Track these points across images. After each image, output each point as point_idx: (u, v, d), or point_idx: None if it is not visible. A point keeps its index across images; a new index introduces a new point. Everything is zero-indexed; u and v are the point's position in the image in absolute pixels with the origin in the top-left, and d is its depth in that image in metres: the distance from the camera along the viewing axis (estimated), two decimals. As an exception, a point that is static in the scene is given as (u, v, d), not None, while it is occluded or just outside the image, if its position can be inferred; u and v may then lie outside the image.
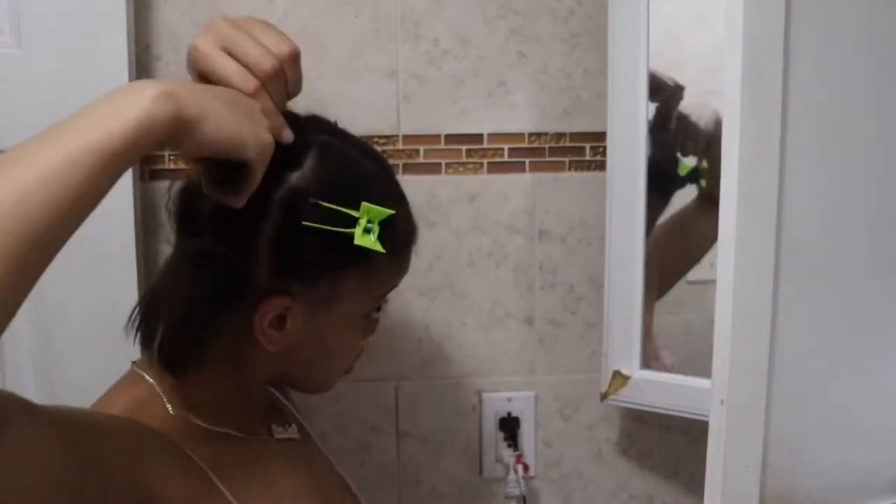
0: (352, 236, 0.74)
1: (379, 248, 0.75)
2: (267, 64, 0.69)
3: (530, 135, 1.15)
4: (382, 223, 0.76)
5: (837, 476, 0.77)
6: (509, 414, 1.19)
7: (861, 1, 0.74)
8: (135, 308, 0.81)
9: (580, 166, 1.16)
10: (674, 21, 1.07)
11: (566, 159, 1.16)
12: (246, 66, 0.69)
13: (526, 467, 1.18)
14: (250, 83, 0.69)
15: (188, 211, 0.76)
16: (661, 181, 1.07)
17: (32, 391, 1.05)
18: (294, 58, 0.72)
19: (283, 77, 0.71)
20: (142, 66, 1.09)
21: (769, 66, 0.68)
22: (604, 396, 1.11)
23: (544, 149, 1.16)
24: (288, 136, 0.73)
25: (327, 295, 0.77)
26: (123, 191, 1.04)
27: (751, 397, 0.71)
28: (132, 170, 1.04)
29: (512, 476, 1.17)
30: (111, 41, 1.02)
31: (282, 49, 0.71)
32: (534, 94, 1.14)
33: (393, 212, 0.76)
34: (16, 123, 1.01)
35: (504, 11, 1.13)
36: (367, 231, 0.75)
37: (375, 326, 0.87)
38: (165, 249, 1.12)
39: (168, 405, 0.77)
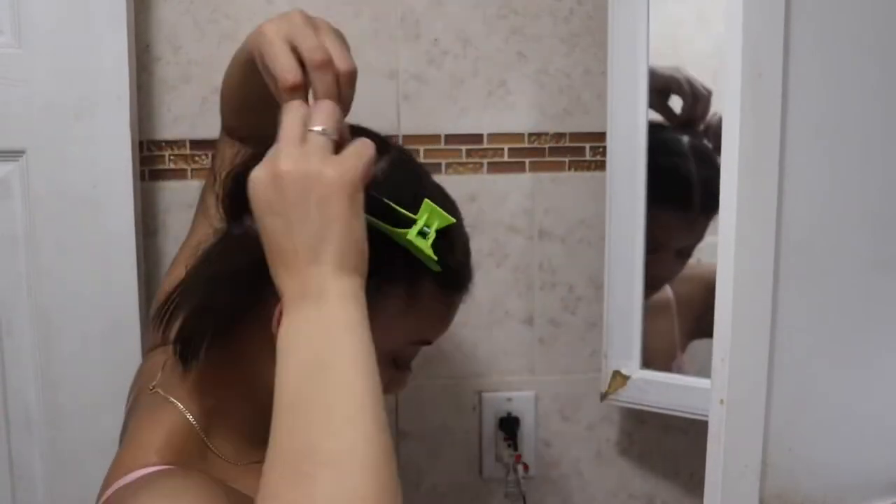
0: (398, 237, 0.69)
1: (430, 253, 0.69)
2: (317, 56, 0.68)
3: (530, 135, 1.15)
4: (440, 234, 0.71)
5: (837, 476, 0.77)
6: (509, 414, 1.19)
7: (861, 1, 0.74)
8: (160, 300, 0.77)
9: (580, 166, 1.16)
10: (674, 21, 1.07)
11: (566, 159, 1.16)
12: (300, 56, 0.69)
13: (526, 467, 1.18)
14: (291, 76, 0.68)
15: (237, 194, 0.71)
16: (704, 200, 1.07)
17: (32, 391, 1.05)
18: (351, 75, 0.72)
19: (336, 88, 0.70)
20: (142, 65, 1.09)
21: (769, 66, 0.68)
22: (604, 396, 1.11)
23: (544, 149, 1.16)
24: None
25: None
26: (123, 191, 1.04)
27: (750, 397, 0.71)
28: (132, 170, 1.04)
29: (512, 476, 1.17)
30: (111, 41, 1.02)
31: (343, 62, 0.71)
32: (534, 94, 1.14)
33: (455, 220, 0.72)
34: (16, 123, 1.02)
35: (504, 11, 1.13)
36: (422, 234, 0.70)
37: (403, 380, 0.79)
38: (165, 249, 1.13)
39: (203, 436, 0.74)
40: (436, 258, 0.70)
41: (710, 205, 1.04)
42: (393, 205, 0.70)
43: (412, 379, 0.81)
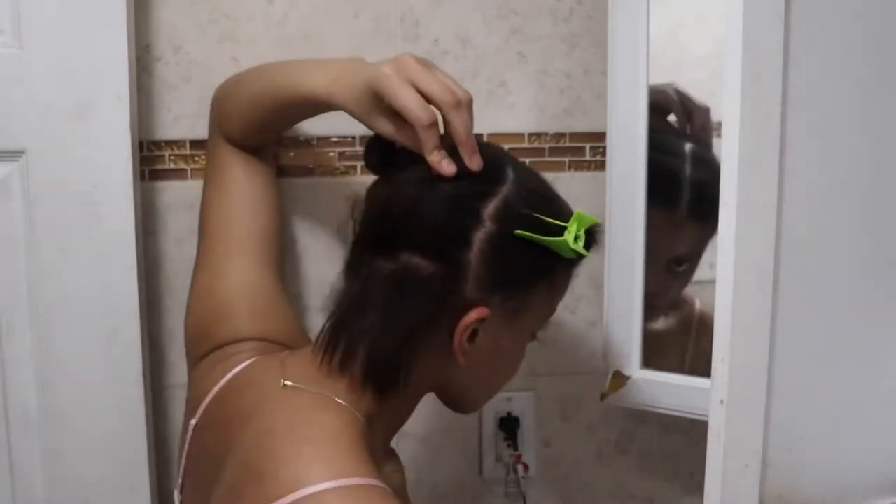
0: (557, 245, 0.78)
1: (588, 254, 0.80)
2: (448, 97, 0.76)
3: (530, 135, 1.15)
4: (588, 233, 0.80)
5: (837, 476, 0.77)
6: (509, 414, 1.19)
7: (861, 1, 0.74)
8: (325, 333, 0.80)
9: (580, 166, 1.16)
10: (674, 21, 1.07)
11: (566, 159, 1.16)
12: (429, 97, 0.76)
13: (526, 467, 1.18)
14: (427, 113, 0.75)
15: (384, 230, 0.78)
16: (696, 205, 1.07)
17: (32, 391, 1.05)
18: (471, 105, 0.79)
19: (467, 113, 0.78)
20: (142, 66, 1.09)
21: (769, 66, 0.68)
22: (604, 396, 1.11)
23: (544, 149, 1.16)
24: (478, 162, 0.78)
25: (518, 307, 0.80)
26: (123, 191, 1.04)
27: (750, 397, 0.71)
28: (132, 170, 1.04)
29: (512, 476, 1.17)
30: (111, 41, 1.02)
31: (464, 95, 0.78)
32: (534, 94, 1.14)
33: (599, 220, 0.81)
34: (16, 123, 1.02)
35: (504, 11, 1.13)
36: (576, 239, 0.79)
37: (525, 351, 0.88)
38: (165, 249, 1.13)
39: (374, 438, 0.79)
40: (589, 255, 0.81)
41: (703, 211, 1.04)
42: (544, 217, 0.78)
43: None
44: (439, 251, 0.76)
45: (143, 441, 1.07)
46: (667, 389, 1.07)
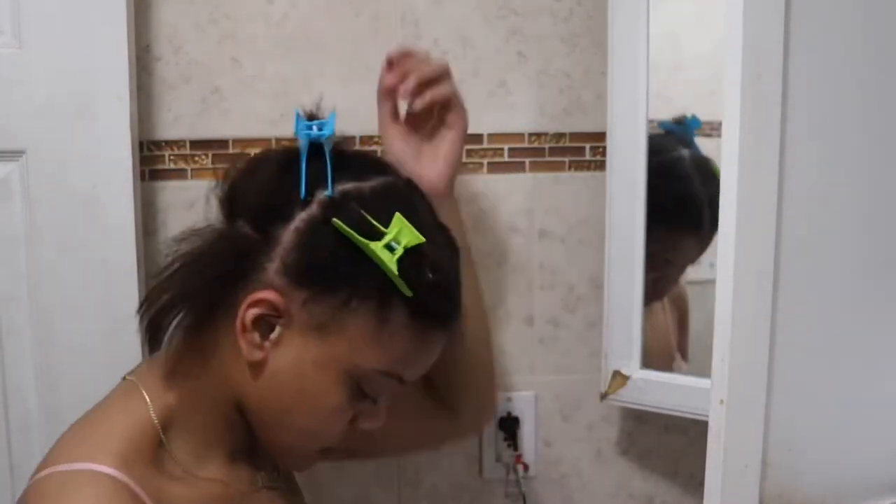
0: (369, 250, 0.70)
1: (393, 267, 0.69)
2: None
3: (530, 135, 1.15)
4: (413, 254, 0.71)
5: (837, 476, 0.77)
6: (509, 414, 1.19)
7: (861, 1, 0.74)
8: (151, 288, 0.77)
9: (580, 166, 1.16)
10: (674, 21, 1.07)
11: (566, 159, 1.16)
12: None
13: (526, 467, 1.18)
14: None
15: (232, 194, 0.77)
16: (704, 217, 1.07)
17: (32, 391, 1.05)
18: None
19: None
20: (142, 66, 1.09)
21: (769, 66, 0.68)
22: (604, 396, 1.11)
23: (544, 149, 1.16)
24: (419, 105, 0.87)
25: (326, 321, 0.72)
26: (123, 191, 1.04)
27: (750, 397, 0.71)
28: (132, 170, 1.04)
29: (512, 476, 1.17)
30: (111, 41, 1.02)
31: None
32: (534, 94, 1.14)
33: (424, 240, 0.71)
34: (16, 123, 1.02)
35: (504, 11, 1.13)
36: (389, 248, 0.70)
37: (376, 414, 0.78)
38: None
39: (162, 436, 0.74)
40: (396, 272, 0.70)
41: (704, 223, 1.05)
42: (367, 216, 0.71)
43: (385, 417, 0.79)
44: (263, 221, 0.73)
45: (143, 441, 1.07)
46: (667, 389, 1.07)
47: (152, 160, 1.11)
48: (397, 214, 0.71)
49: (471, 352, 0.92)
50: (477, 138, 1.14)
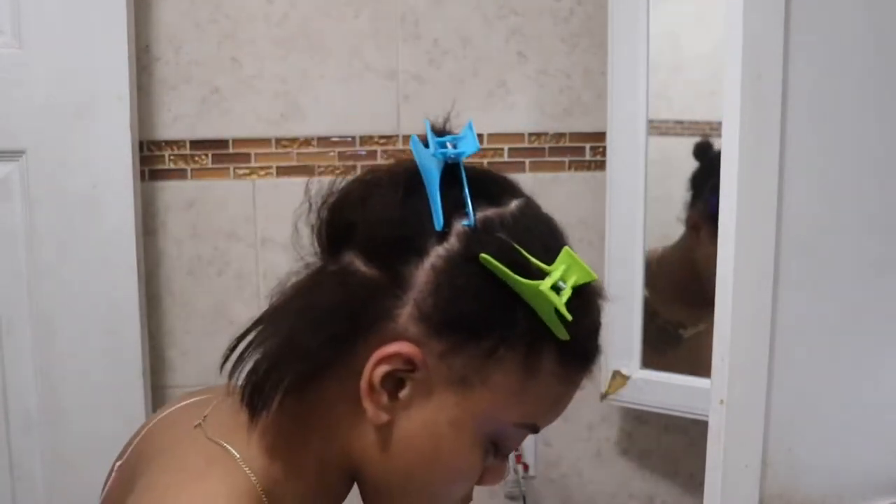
0: (528, 291, 0.58)
1: (565, 312, 0.58)
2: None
3: (530, 135, 1.15)
4: (577, 292, 0.60)
5: (837, 475, 0.77)
6: (509, 414, 1.19)
7: (861, 1, 0.74)
8: (237, 339, 0.64)
9: (580, 166, 1.16)
10: (674, 21, 1.07)
11: (566, 159, 1.16)
12: None
13: (526, 467, 1.18)
14: None
15: (340, 224, 0.61)
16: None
17: (32, 391, 1.05)
18: None
19: None
20: (142, 66, 1.09)
21: (769, 66, 0.68)
22: (604, 396, 1.11)
23: (544, 149, 1.16)
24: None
25: (468, 375, 0.59)
26: (123, 191, 1.04)
27: (750, 397, 0.71)
28: (132, 170, 1.04)
29: (512, 476, 1.17)
30: (111, 41, 1.02)
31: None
32: (534, 94, 1.14)
33: (595, 277, 0.61)
34: (16, 123, 1.02)
35: (504, 11, 1.13)
36: (556, 289, 0.59)
37: (501, 471, 0.66)
38: (165, 249, 1.12)
39: (264, 497, 0.60)
40: (570, 318, 0.58)
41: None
42: (523, 251, 0.59)
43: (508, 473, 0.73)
44: (384, 254, 0.59)
45: (143, 441, 1.07)
46: (667, 389, 1.07)
47: (152, 160, 1.11)
48: (566, 249, 0.61)
49: None
50: (477, 138, 1.14)
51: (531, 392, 0.62)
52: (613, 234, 1.08)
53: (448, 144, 0.63)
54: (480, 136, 1.14)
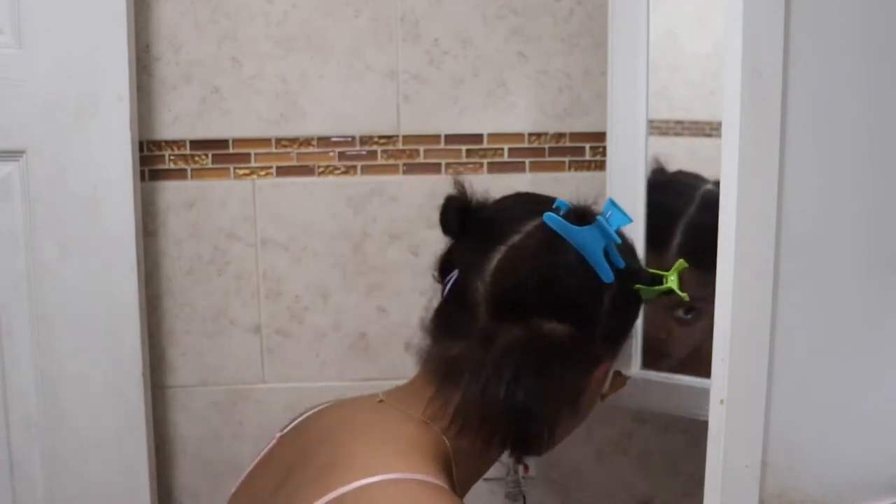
0: (666, 293, 0.83)
1: (684, 295, 0.83)
2: None
3: (530, 135, 1.15)
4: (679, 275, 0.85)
5: (837, 475, 0.77)
6: (509, 414, 1.19)
7: (861, 1, 0.74)
8: (453, 405, 0.80)
9: (580, 166, 1.16)
10: (674, 21, 1.07)
11: (566, 159, 1.16)
12: None
13: (526, 467, 1.18)
14: None
15: (509, 294, 0.79)
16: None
17: (32, 391, 1.05)
18: None
19: None
20: (142, 65, 1.09)
21: (769, 66, 0.68)
22: (604, 397, 1.11)
23: (544, 149, 1.16)
24: None
25: (618, 353, 0.86)
26: (123, 191, 1.04)
27: (750, 397, 0.71)
28: (132, 170, 1.04)
29: (512, 476, 1.17)
30: (111, 41, 1.02)
31: None
32: (534, 94, 1.14)
33: (687, 265, 0.85)
34: (16, 123, 1.02)
35: (504, 11, 1.13)
36: (681, 287, 0.84)
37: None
38: (166, 249, 1.12)
39: (453, 465, 0.79)
40: (686, 297, 0.84)
41: (702, 255, 1.03)
42: (651, 270, 0.85)
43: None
44: (575, 313, 0.79)
45: (143, 441, 1.07)
46: (667, 389, 1.07)
47: (152, 160, 1.11)
48: (680, 261, 0.84)
49: None
50: (477, 138, 1.14)
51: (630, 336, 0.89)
52: (613, 234, 1.08)
53: (604, 222, 0.81)
54: (480, 135, 1.15)
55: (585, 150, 1.16)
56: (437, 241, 1.16)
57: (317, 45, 1.11)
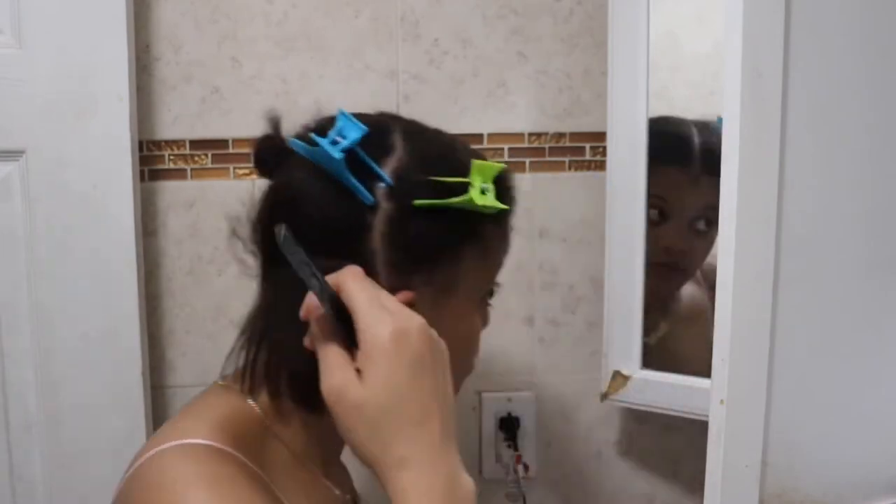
0: (466, 207, 0.69)
1: (501, 205, 0.71)
2: None
3: (530, 135, 1.15)
4: (496, 181, 0.72)
5: (837, 475, 0.77)
6: (509, 414, 1.19)
7: (861, 1, 0.74)
8: (241, 351, 0.75)
9: (580, 166, 1.16)
10: (674, 21, 1.07)
11: (566, 159, 1.16)
12: None
13: (526, 467, 1.18)
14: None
15: (270, 235, 0.68)
16: (705, 161, 1.07)
17: (32, 391, 1.05)
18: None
19: None
20: (142, 66, 1.09)
21: (769, 66, 0.68)
22: (604, 396, 1.11)
23: (544, 149, 1.16)
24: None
25: (448, 280, 0.72)
26: (123, 191, 1.04)
27: (750, 397, 0.71)
28: (132, 170, 1.04)
29: (512, 476, 1.17)
30: (111, 41, 1.02)
31: None
32: (534, 94, 1.14)
33: (503, 166, 0.73)
34: (16, 123, 1.02)
35: (504, 11, 1.13)
36: (483, 192, 0.70)
37: (488, 316, 0.82)
38: (166, 249, 1.12)
39: (267, 422, 0.73)
40: (506, 207, 0.73)
41: (715, 168, 1.04)
42: (442, 178, 0.69)
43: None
44: (340, 249, 0.68)
45: (143, 441, 1.07)
46: (667, 389, 1.07)
47: (152, 160, 1.11)
48: (475, 162, 0.70)
49: None
50: (477, 138, 1.14)
51: (491, 256, 0.76)
52: (613, 234, 1.08)
53: (338, 139, 0.69)
54: (480, 135, 1.15)
55: (585, 150, 1.16)
56: (437, 241, 1.16)
57: (317, 45, 1.11)
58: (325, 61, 1.12)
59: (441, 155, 0.73)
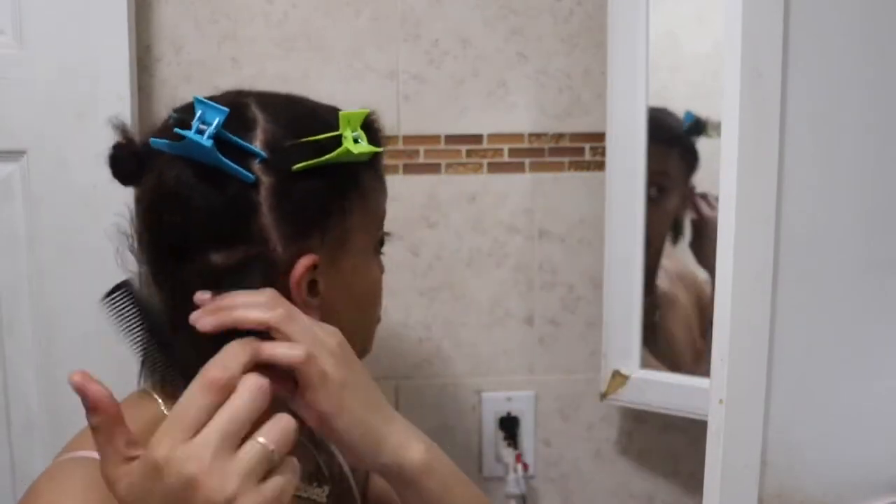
0: (343, 159, 0.70)
1: (375, 148, 0.73)
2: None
3: (530, 135, 1.15)
4: (364, 126, 0.74)
5: (837, 475, 0.77)
6: (509, 413, 1.19)
7: (861, 1, 0.74)
8: (147, 360, 0.76)
9: (580, 166, 1.16)
10: (674, 21, 1.07)
11: (566, 159, 1.16)
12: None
13: (526, 467, 1.18)
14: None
15: (171, 240, 0.72)
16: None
17: (33, 391, 1.05)
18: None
19: None
20: (142, 66, 1.09)
21: (769, 66, 0.68)
22: (603, 396, 1.11)
23: (544, 149, 1.16)
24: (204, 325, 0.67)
25: (341, 236, 0.72)
26: (124, 191, 1.04)
27: (750, 397, 0.71)
28: (132, 170, 1.04)
29: (512, 476, 1.17)
30: (111, 41, 1.02)
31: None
32: (534, 94, 1.14)
33: (369, 110, 0.75)
34: (16, 123, 1.02)
35: (504, 11, 1.13)
36: (356, 141, 0.72)
37: (382, 265, 0.82)
38: (166, 249, 1.13)
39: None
40: (379, 149, 0.74)
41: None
42: (307, 140, 0.70)
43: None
44: (233, 235, 0.68)
45: (143, 441, 1.07)
46: (667, 389, 1.07)
47: (153, 160, 1.11)
48: (341, 113, 0.72)
49: None
50: (477, 138, 1.14)
51: (374, 203, 0.77)
52: (613, 234, 1.08)
53: (203, 127, 0.69)
54: (480, 136, 1.15)
55: (585, 150, 1.16)
56: (436, 241, 1.17)
57: (317, 45, 1.11)
58: (326, 61, 1.12)
59: (304, 115, 0.74)
